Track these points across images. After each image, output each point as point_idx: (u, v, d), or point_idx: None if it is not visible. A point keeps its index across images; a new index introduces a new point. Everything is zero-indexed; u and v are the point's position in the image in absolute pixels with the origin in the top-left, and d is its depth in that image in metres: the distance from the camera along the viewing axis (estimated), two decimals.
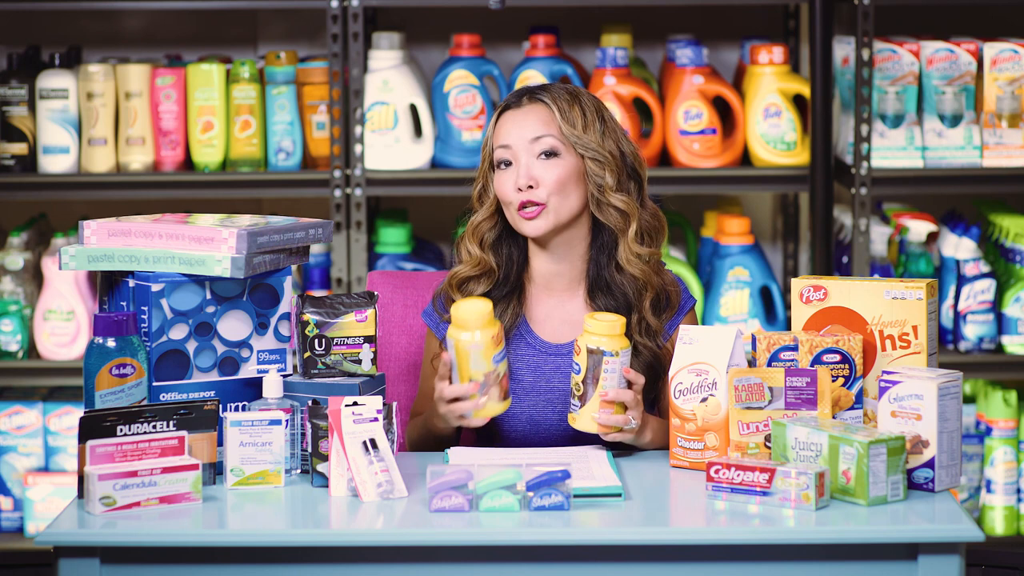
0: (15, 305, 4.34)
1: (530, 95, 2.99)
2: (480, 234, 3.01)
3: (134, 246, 2.78)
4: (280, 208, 4.71)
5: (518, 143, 2.96)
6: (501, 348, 2.78)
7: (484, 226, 3.01)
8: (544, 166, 2.95)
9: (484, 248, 3.01)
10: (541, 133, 2.95)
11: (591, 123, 2.96)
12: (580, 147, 2.95)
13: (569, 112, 2.96)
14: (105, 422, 2.59)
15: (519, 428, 2.99)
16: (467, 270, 3.01)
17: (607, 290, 2.99)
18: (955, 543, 2.48)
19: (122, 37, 4.74)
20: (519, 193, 2.94)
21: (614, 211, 2.96)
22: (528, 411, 2.99)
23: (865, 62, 4.25)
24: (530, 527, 2.49)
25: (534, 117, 2.97)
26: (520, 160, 2.95)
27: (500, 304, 3.00)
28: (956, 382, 2.66)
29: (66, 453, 4.42)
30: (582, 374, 2.77)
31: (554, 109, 2.96)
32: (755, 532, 2.49)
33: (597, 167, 2.95)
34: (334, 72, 4.28)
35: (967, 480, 4.44)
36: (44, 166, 4.31)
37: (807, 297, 2.80)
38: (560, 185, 2.94)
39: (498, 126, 2.99)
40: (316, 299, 2.82)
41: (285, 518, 2.59)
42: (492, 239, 3.02)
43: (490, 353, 2.77)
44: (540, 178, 2.94)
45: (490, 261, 3.01)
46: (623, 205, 2.96)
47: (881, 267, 4.38)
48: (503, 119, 2.99)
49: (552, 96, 2.97)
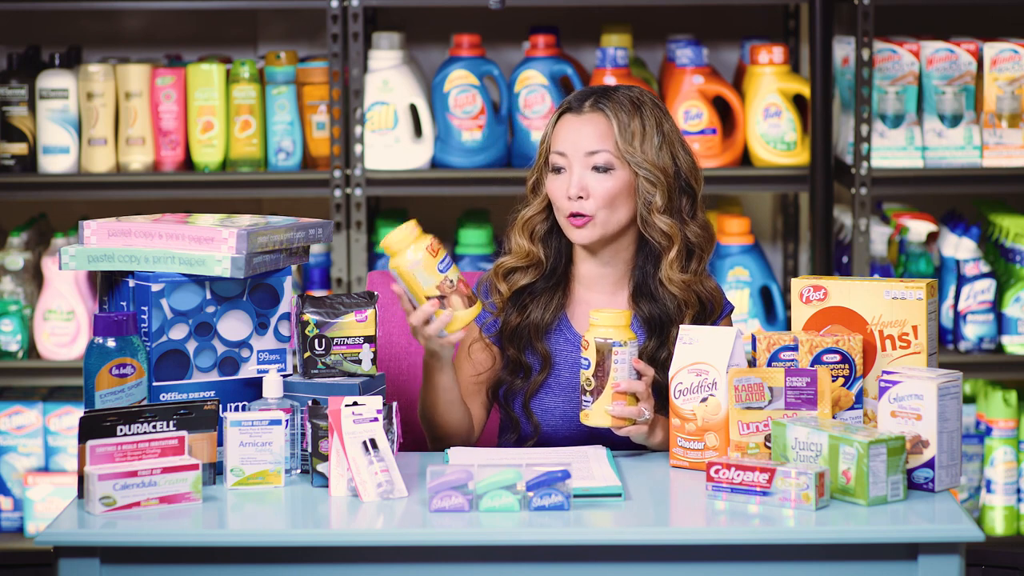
0: (15, 305, 4.34)
1: (593, 101, 2.98)
2: (531, 227, 3.02)
3: (134, 246, 2.78)
4: (280, 208, 4.71)
5: (573, 153, 2.96)
6: (442, 256, 2.79)
7: (536, 219, 3.02)
8: (596, 179, 2.95)
9: (534, 240, 3.02)
10: (596, 148, 2.95)
11: (649, 137, 2.96)
12: (634, 164, 2.95)
13: (628, 125, 2.95)
14: (105, 422, 2.59)
15: (551, 422, 3.00)
16: (514, 261, 3.02)
17: (651, 298, 3.00)
18: (955, 543, 2.48)
19: (122, 37, 4.74)
20: (569, 202, 2.95)
21: (658, 231, 2.97)
22: (563, 406, 3.00)
23: (865, 62, 4.25)
24: (530, 527, 2.49)
25: (592, 128, 2.96)
26: (573, 170, 2.95)
27: (545, 295, 3.01)
28: (956, 382, 2.66)
29: (66, 453, 4.42)
30: (592, 368, 2.77)
31: (613, 122, 2.95)
32: (755, 532, 2.49)
33: (648, 185, 2.95)
34: (334, 72, 4.28)
35: (967, 480, 4.44)
36: (44, 166, 4.31)
37: (807, 297, 2.80)
38: (609, 200, 2.94)
39: (557, 128, 2.99)
40: (316, 299, 2.82)
41: (285, 518, 2.59)
42: (543, 232, 3.03)
43: (432, 265, 2.78)
44: (591, 191, 2.94)
45: (538, 253, 3.02)
46: (667, 228, 2.96)
47: (881, 267, 4.38)
48: (562, 122, 2.99)
49: (614, 107, 2.96)
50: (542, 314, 3.01)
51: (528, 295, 3.02)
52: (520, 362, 3.00)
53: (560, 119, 3.00)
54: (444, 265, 2.79)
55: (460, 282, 2.81)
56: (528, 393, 3.00)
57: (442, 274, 2.78)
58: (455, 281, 2.79)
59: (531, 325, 3.00)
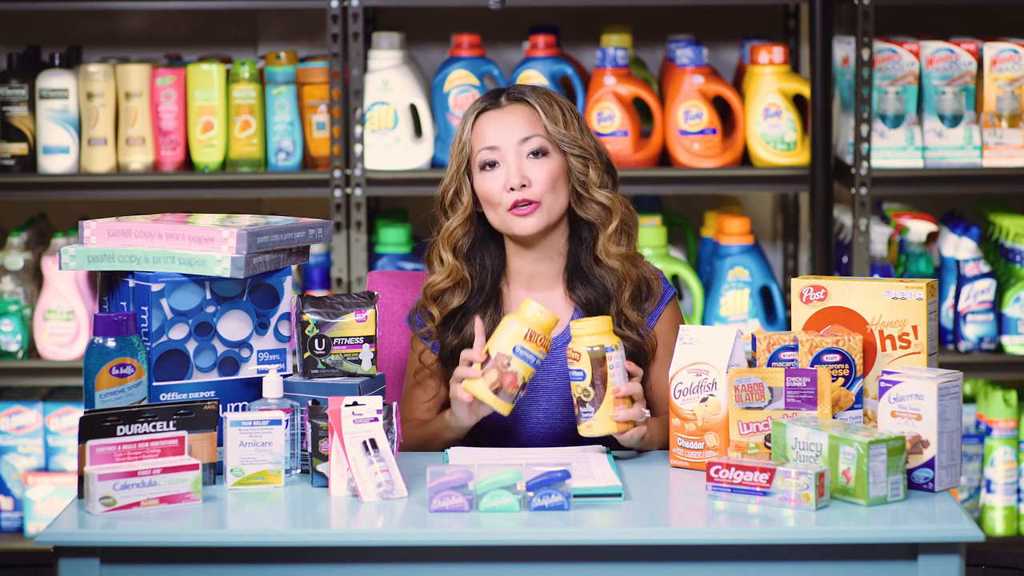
0: (15, 305, 4.34)
1: (508, 96, 2.99)
2: (455, 240, 3.00)
3: (134, 246, 2.78)
4: (280, 208, 4.71)
5: (506, 144, 2.96)
6: (530, 348, 2.76)
7: (459, 232, 3.00)
8: (534, 165, 2.95)
9: (458, 256, 3.00)
10: (529, 133, 2.96)
11: (570, 121, 2.99)
12: (565, 145, 2.96)
13: (550, 111, 2.97)
14: (105, 422, 2.59)
15: (534, 429, 2.99)
16: (442, 280, 3.00)
17: (586, 281, 3.00)
18: (955, 543, 2.48)
19: (122, 37, 4.74)
20: (510, 193, 2.94)
21: (597, 207, 2.97)
22: (521, 407, 2.99)
23: (865, 62, 4.25)
24: (530, 527, 2.49)
25: (519, 117, 2.97)
26: (509, 160, 2.95)
27: (477, 312, 2.99)
28: (956, 382, 2.66)
29: (66, 453, 4.42)
30: (588, 378, 2.76)
31: (538, 109, 2.97)
32: (755, 532, 2.49)
33: (580, 164, 2.97)
34: (334, 72, 4.28)
35: (967, 480, 4.44)
36: (44, 166, 4.31)
37: (807, 297, 2.80)
38: (552, 183, 2.95)
39: (478, 128, 2.98)
40: (316, 299, 2.82)
41: (285, 518, 2.59)
42: (466, 246, 3.01)
43: (515, 341, 2.76)
44: (532, 177, 2.94)
45: (463, 271, 3.00)
46: (607, 201, 2.97)
47: (881, 267, 4.38)
48: (483, 120, 2.98)
49: (533, 95, 2.98)
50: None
51: (462, 315, 3.00)
52: None
53: (478, 119, 2.99)
54: (521, 352, 2.76)
55: (515, 375, 2.76)
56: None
57: (511, 353, 2.76)
58: (510, 368, 2.76)
59: (468, 343, 2.96)
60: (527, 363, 2.77)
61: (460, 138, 2.99)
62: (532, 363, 2.77)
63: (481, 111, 2.99)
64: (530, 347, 2.77)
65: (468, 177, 2.99)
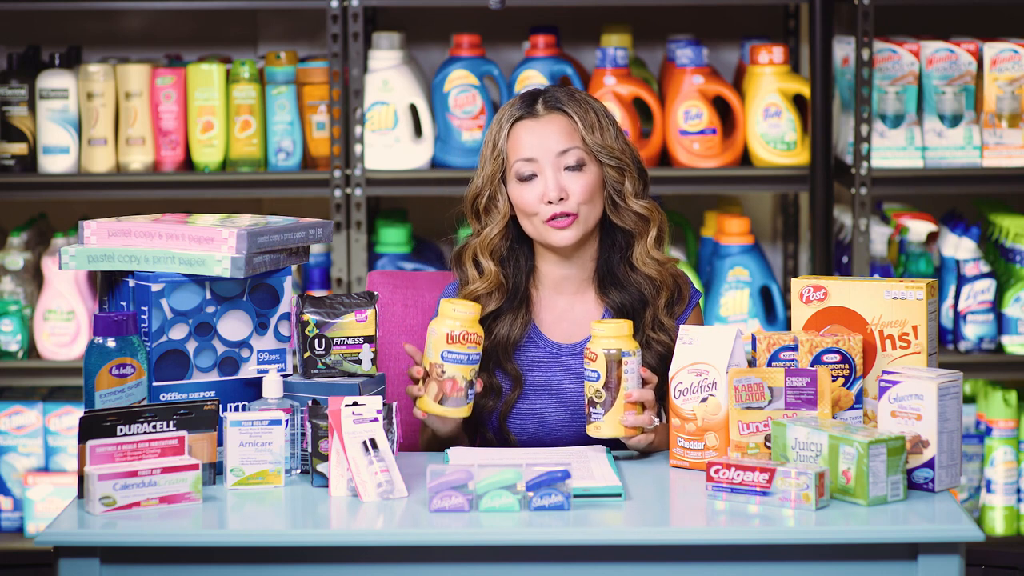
0: (15, 305, 4.34)
1: (545, 103, 2.97)
2: (493, 247, 2.99)
3: (134, 246, 2.78)
4: (280, 208, 4.71)
5: (544, 156, 2.94)
6: (457, 348, 2.77)
7: (497, 239, 2.99)
8: (572, 178, 2.94)
9: (496, 262, 2.99)
10: (567, 146, 2.94)
11: (605, 128, 2.96)
12: (602, 156, 2.95)
13: (587, 118, 2.95)
14: (105, 422, 2.59)
15: (531, 431, 2.99)
16: (483, 287, 2.99)
17: (619, 286, 2.99)
18: (955, 543, 2.48)
19: (122, 37, 4.74)
20: (548, 206, 2.93)
21: (633, 216, 2.97)
22: (541, 413, 2.99)
23: (865, 62, 4.25)
24: (530, 527, 2.49)
25: (556, 127, 2.95)
26: (547, 173, 2.93)
27: (509, 315, 2.99)
28: (956, 382, 2.66)
29: (66, 453, 4.42)
30: (601, 380, 2.76)
31: (575, 118, 2.95)
32: (755, 532, 2.49)
33: (616, 174, 2.96)
34: (334, 72, 4.28)
35: (967, 480, 4.44)
36: (44, 166, 4.31)
37: (807, 297, 2.80)
38: (589, 195, 2.94)
39: (515, 137, 2.96)
40: (316, 299, 2.82)
41: (285, 518, 2.59)
42: (503, 252, 3.01)
43: (439, 347, 2.77)
44: (570, 190, 2.93)
45: (501, 276, 3.00)
46: (644, 211, 2.96)
47: (881, 267, 4.38)
48: (520, 130, 2.96)
49: (569, 103, 2.95)
50: (508, 332, 2.98)
51: (492, 319, 3.00)
52: (491, 384, 2.99)
53: (514, 127, 2.96)
54: (449, 356, 2.77)
55: (453, 380, 2.77)
56: (503, 413, 2.99)
57: (441, 360, 2.78)
58: (445, 373, 2.77)
59: (499, 345, 2.97)
60: (461, 364, 2.78)
61: (495, 144, 2.97)
62: (466, 361, 2.78)
63: (518, 119, 2.97)
64: (456, 348, 2.78)
65: (503, 184, 2.98)
